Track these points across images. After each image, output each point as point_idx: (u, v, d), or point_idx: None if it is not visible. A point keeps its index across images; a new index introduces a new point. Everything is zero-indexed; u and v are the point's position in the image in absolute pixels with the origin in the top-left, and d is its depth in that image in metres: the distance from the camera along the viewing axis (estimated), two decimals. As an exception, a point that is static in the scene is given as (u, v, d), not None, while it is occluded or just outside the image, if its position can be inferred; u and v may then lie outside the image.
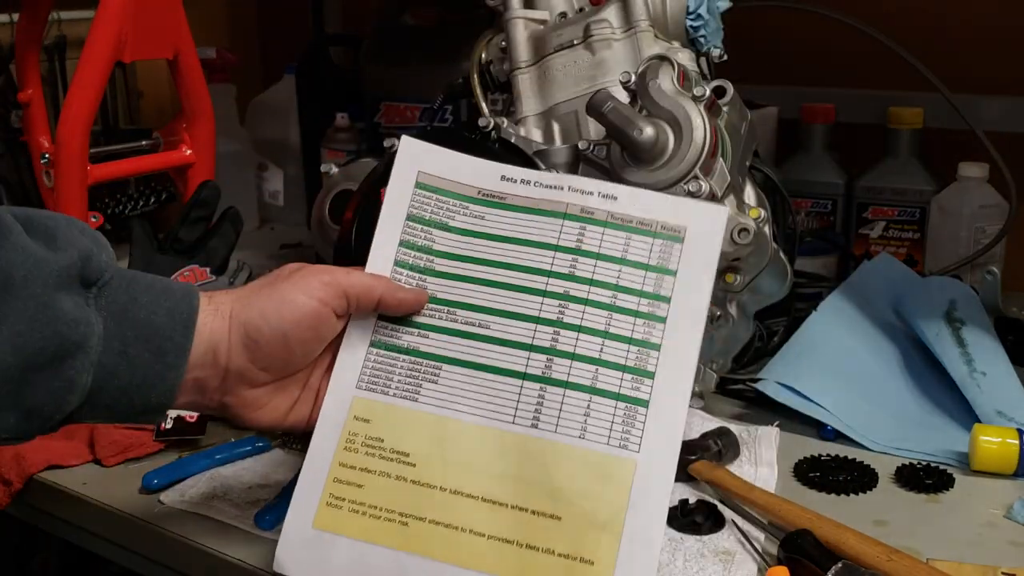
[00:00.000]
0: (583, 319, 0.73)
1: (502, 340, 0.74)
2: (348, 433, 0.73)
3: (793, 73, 1.47)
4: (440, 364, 0.74)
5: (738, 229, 0.88)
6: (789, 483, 0.88)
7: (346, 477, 0.72)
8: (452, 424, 0.72)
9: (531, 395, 0.72)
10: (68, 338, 0.63)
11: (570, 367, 0.72)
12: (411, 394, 0.74)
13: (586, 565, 0.67)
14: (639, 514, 0.67)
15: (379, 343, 0.75)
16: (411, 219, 0.77)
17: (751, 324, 1.01)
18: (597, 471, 0.69)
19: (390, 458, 0.72)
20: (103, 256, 0.66)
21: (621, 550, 0.67)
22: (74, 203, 1.10)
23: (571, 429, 0.71)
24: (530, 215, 0.76)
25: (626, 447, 0.69)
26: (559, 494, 0.69)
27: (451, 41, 1.40)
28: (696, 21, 0.97)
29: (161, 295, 0.68)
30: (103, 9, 1.09)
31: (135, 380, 0.65)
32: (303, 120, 1.69)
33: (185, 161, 1.24)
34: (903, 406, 1.00)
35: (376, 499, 0.71)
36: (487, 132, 0.93)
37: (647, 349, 0.72)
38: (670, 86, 0.86)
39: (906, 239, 1.34)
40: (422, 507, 0.70)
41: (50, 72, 1.51)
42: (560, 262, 0.74)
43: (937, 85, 1.20)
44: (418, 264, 0.76)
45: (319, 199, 1.13)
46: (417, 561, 0.69)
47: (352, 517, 0.71)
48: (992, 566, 0.74)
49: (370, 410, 0.73)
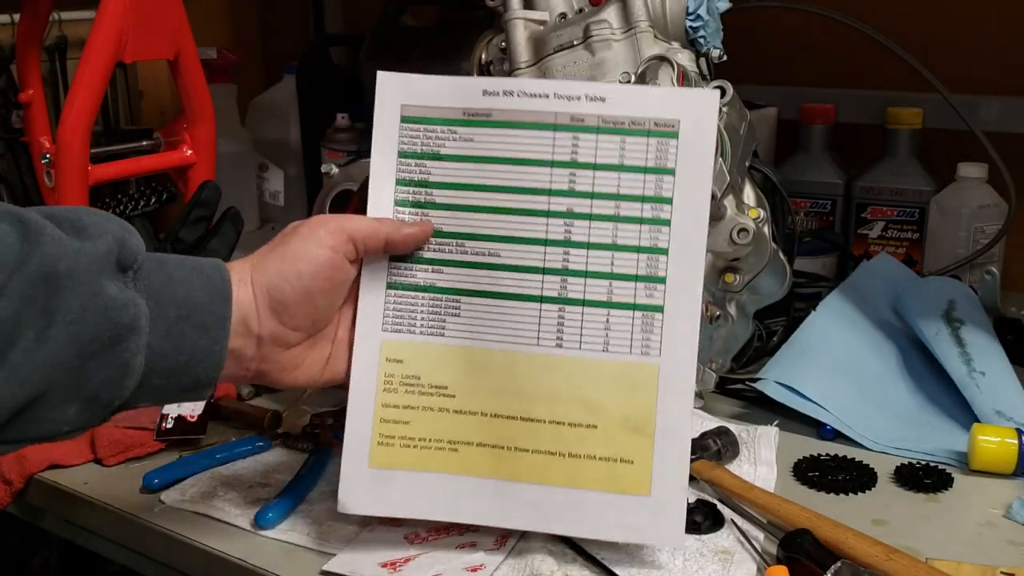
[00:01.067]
0: (590, 235, 0.75)
1: (514, 266, 0.76)
2: (384, 375, 0.75)
3: (793, 73, 1.47)
4: (459, 297, 0.76)
5: (737, 229, 0.89)
6: (788, 482, 0.88)
7: (391, 416, 0.75)
8: (481, 354, 0.75)
9: (551, 316, 0.75)
10: (120, 322, 0.63)
11: (584, 284, 0.75)
12: (437, 329, 0.76)
13: (626, 464, 0.73)
14: (667, 414, 0.73)
15: (396, 284, 0.76)
16: (403, 155, 0.77)
17: (750, 324, 1.01)
18: (624, 379, 0.73)
19: (430, 393, 0.75)
20: (134, 240, 0.67)
21: (656, 448, 0.72)
22: (75, 203, 1.10)
23: (594, 344, 0.74)
24: (519, 130, 0.76)
25: (648, 353, 0.74)
26: (592, 405, 0.74)
27: (451, 41, 1.40)
28: (696, 22, 0.97)
29: (193, 271, 0.69)
30: (104, 9, 1.09)
31: (182, 358, 0.66)
32: (303, 120, 1.70)
33: (186, 161, 1.24)
34: (902, 406, 1.00)
35: (424, 432, 0.74)
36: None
37: (655, 255, 0.74)
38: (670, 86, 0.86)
39: (905, 239, 1.34)
40: (468, 433, 0.74)
41: (51, 72, 1.51)
42: (558, 178, 0.75)
43: (936, 85, 1.20)
44: (418, 199, 0.77)
45: (319, 199, 1.13)
46: (473, 481, 0.73)
47: (404, 452, 0.74)
48: (991, 566, 0.74)
49: (400, 350, 0.76)
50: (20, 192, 1.43)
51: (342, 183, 1.11)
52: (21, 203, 1.42)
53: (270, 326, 0.71)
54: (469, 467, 0.74)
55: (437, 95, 0.77)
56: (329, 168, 1.12)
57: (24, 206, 0.64)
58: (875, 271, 1.16)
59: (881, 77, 1.40)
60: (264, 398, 1.05)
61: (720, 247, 0.90)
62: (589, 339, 0.75)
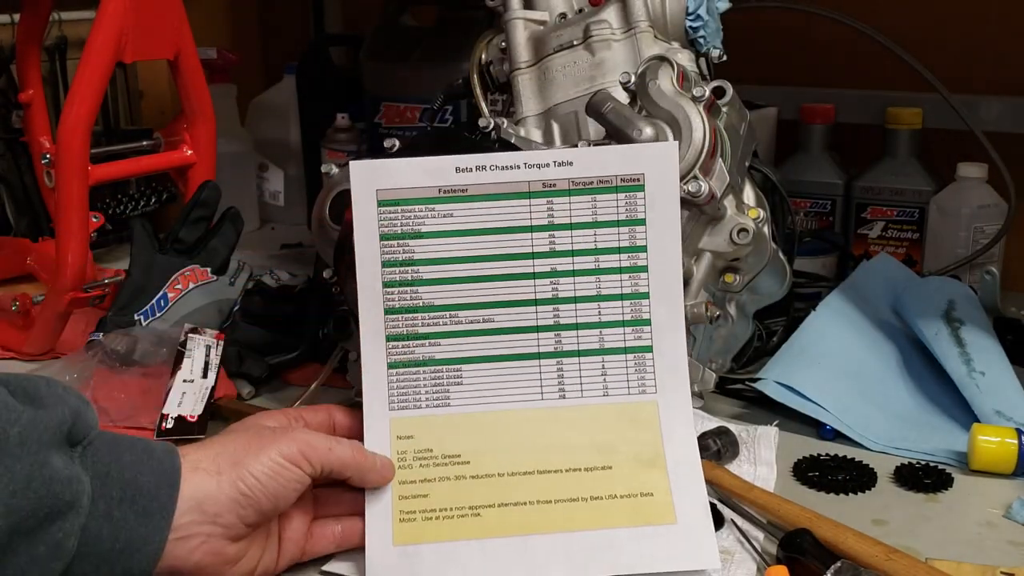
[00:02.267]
0: (576, 289, 0.79)
1: (509, 329, 0.79)
2: (397, 453, 0.77)
3: (793, 73, 1.47)
4: (459, 366, 0.78)
5: (737, 229, 0.89)
6: (788, 482, 0.88)
7: (409, 492, 0.76)
8: (487, 417, 0.78)
9: (551, 370, 0.78)
10: (61, 498, 0.60)
11: (577, 336, 0.78)
12: (442, 400, 0.78)
13: (647, 498, 0.75)
14: (674, 443, 0.76)
15: (396, 363, 0.79)
16: (384, 237, 0.79)
17: (750, 324, 1.01)
18: (628, 419, 0.77)
19: (443, 463, 0.77)
20: (89, 414, 0.65)
21: (671, 478, 0.75)
22: (75, 203, 1.10)
23: (594, 390, 0.78)
24: (495, 201, 0.79)
25: (644, 391, 0.78)
26: (603, 447, 0.76)
27: (451, 41, 1.40)
28: (696, 22, 0.97)
29: (144, 454, 0.66)
30: (104, 9, 1.09)
31: (118, 545, 0.63)
32: (303, 120, 1.70)
33: (186, 161, 1.24)
34: (902, 406, 1.00)
35: (444, 502, 0.75)
36: (487, 132, 0.93)
37: (638, 299, 0.78)
38: (669, 87, 0.86)
39: (905, 239, 1.34)
40: (488, 496, 0.75)
41: (51, 72, 1.51)
42: (539, 241, 0.79)
43: (936, 85, 1.20)
44: (405, 279, 0.79)
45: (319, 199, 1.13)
46: (500, 542, 0.74)
47: (427, 524, 0.75)
48: (991, 566, 0.74)
49: (409, 426, 0.78)
50: (20, 192, 1.43)
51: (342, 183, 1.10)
52: (21, 203, 1.43)
53: (229, 518, 0.68)
54: (494, 529, 0.74)
55: (411, 177, 0.80)
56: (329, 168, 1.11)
57: (24, 206, 0.63)
58: (875, 271, 1.16)
59: (881, 77, 1.40)
60: (264, 398, 1.05)
61: (720, 247, 0.90)
62: (589, 386, 0.78)
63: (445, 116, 1.39)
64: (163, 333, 1.03)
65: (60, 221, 1.11)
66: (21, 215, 1.43)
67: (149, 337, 1.03)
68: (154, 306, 1.08)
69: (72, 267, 1.11)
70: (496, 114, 1.00)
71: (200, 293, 1.11)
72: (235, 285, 1.16)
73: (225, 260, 1.16)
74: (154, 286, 1.09)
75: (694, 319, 0.87)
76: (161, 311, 1.08)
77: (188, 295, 1.10)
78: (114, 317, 1.06)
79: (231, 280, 1.16)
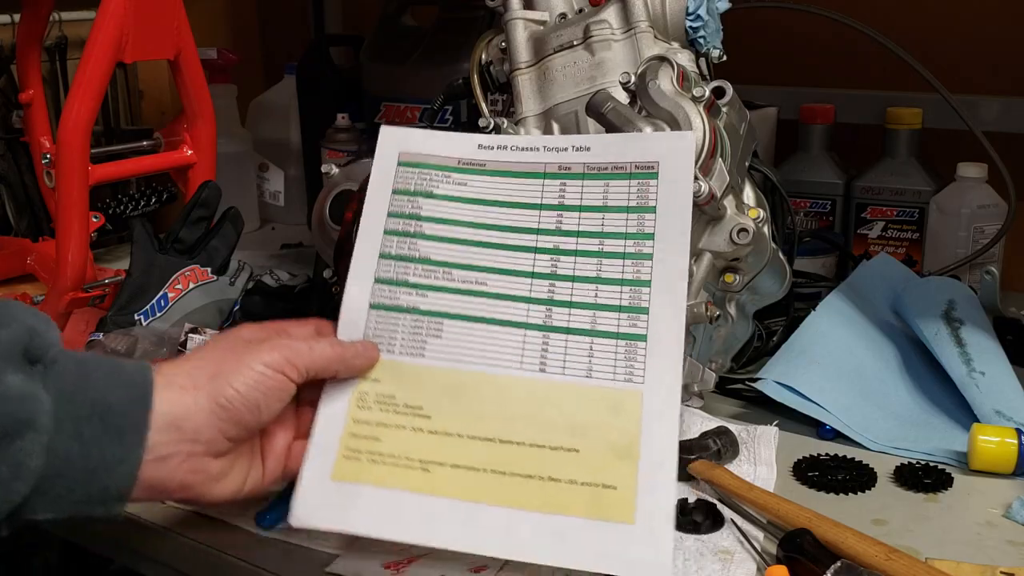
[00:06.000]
0: (575, 269, 0.76)
1: (500, 295, 0.76)
2: (359, 393, 0.74)
3: (792, 73, 1.47)
4: (442, 320, 0.76)
5: (737, 229, 0.89)
6: (788, 482, 0.88)
7: (362, 432, 0.73)
8: (461, 375, 0.74)
9: (535, 342, 0.75)
10: (15, 416, 0.58)
11: (569, 314, 0.75)
12: (417, 350, 0.75)
13: (609, 491, 0.69)
14: (652, 439, 0.70)
15: (378, 305, 0.77)
16: (396, 192, 0.80)
17: (750, 324, 1.01)
18: (607, 404, 0.72)
19: (404, 412, 0.73)
20: (50, 333, 0.62)
21: (640, 474, 0.69)
22: (75, 203, 1.10)
23: (578, 369, 0.74)
24: (511, 178, 0.80)
25: (631, 380, 0.72)
26: (574, 429, 0.72)
27: (451, 41, 1.41)
28: (696, 22, 0.97)
29: (113, 371, 0.64)
30: (104, 9, 1.09)
31: (90, 464, 0.61)
32: (303, 120, 1.70)
33: (186, 161, 1.24)
34: (902, 406, 1.00)
35: (395, 449, 0.72)
36: (487, 132, 0.93)
37: (638, 287, 0.75)
38: (669, 87, 0.86)
39: (905, 239, 1.34)
40: (442, 454, 0.72)
41: (51, 73, 1.51)
42: (546, 219, 0.78)
43: (936, 86, 1.20)
44: (407, 230, 0.79)
45: (319, 199, 1.13)
46: (445, 502, 0.70)
47: (371, 467, 0.71)
48: (991, 565, 0.74)
49: (378, 369, 0.75)
50: (20, 192, 1.43)
51: (342, 183, 1.11)
52: (21, 203, 1.43)
53: (209, 433, 0.66)
54: (441, 488, 0.70)
55: (434, 146, 0.81)
56: (329, 168, 1.12)
57: (24, 206, 0.63)
58: (875, 271, 1.16)
59: (881, 77, 1.40)
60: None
61: (720, 247, 0.90)
62: (572, 364, 0.74)
63: (445, 116, 1.39)
64: (163, 333, 1.04)
65: (60, 221, 1.11)
66: (21, 215, 1.44)
67: (149, 337, 1.03)
68: (154, 306, 1.08)
69: (72, 267, 1.11)
70: (496, 114, 1.00)
71: (200, 293, 1.11)
72: (235, 285, 1.16)
73: (225, 260, 1.16)
74: (154, 286, 1.09)
75: (694, 319, 0.87)
76: (161, 311, 1.08)
77: (188, 295, 1.10)
78: (114, 317, 1.06)
79: (231, 280, 1.16)
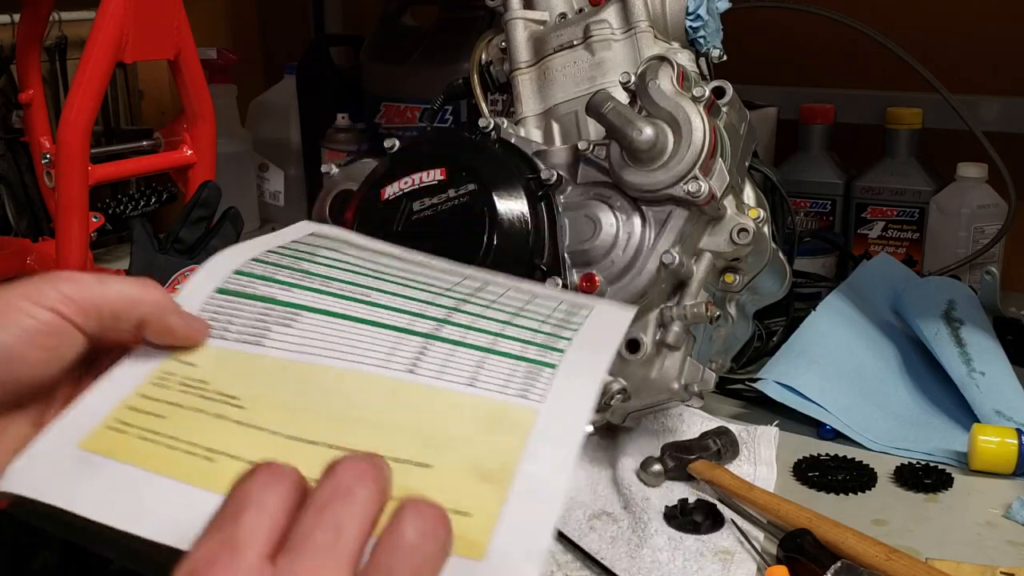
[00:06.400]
0: (486, 310, 0.62)
1: (384, 305, 0.61)
2: (162, 371, 0.58)
3: (793, 73, 1.47)
4: (300, 312, 0.61)
5: (737, 229, 0.89)
6: (788, 482, 0.88)
7: (144, 407, 0.57)
8: (300, 368, 0.59)
9: (410, 346, 0.59)
10: None
11: (464, 333, 0.60)
12: (254, 338, 0.60)
13: (460, 517, 0.52)
14: (537, 463, 0.55)
15: (227, 291, 0.61)
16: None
17: (750, 324, 1.01)
18: (488, 418, 0.57)
19: (211, 398, 0.57)
20: None
21: (509, 501, 0.53)
22: (75, 204, 1.10)
23: (456, 376, 0.58)
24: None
25: (526, 396, 0.57)
26: (431, 441, 0.56)
27: (451, 41, 1.41)
28: (696, 22, 0.97)
29: None
30: (104, 9, 1.09)
31: None
32: (303, 120, 1.70)
33: (186, 161, 1.24)
34: (902, 406, 1.00)
35: (179, 432, 0.55)
36: (487, 132, 0.93)
37: (557, 335, 0.61)
38: (670, 87, 0.86)
39: (905, 239, 1.34)
40: (241, 448, 0.55)
41: (51, 73, 1.51)
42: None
43: (936, 86, 1.20)
44: (297, 252, 0.64)
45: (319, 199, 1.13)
46: (219, 500, 0.51)
47: (137, 442, 0.55)
48: (991, 565, 0.74)
49: (198, 354, 0.59)
50: (20, 192, 1.43)
51: (342, 183, 1.11)
52: (21, 203, 1.43)
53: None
54: (221, 483, 0.51)
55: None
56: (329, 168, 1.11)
57: (24, 206, 0.62)
58: (875, 271, 1.16)
59: (881, 77, 1.40)
60: (264, 398, 1.05)
61: (720, 247, 0.90)
62: (451, 371, 0.58)
63: (445, 116, 1.39)
64: (163, 333, 1.03)
65: (60, 221, 1.11)
66: (21, 215, 1.43)
67: (149, 337, 1.02)
68: (154, 306, 1.08)
69: (72, 267, 1.11)
70: (496, 114, 1.00)
71: (200, 293, 1.11)
72: (235, 285, 1.16)
73: (225, 260, 1.15)
74: (154, 286, 1.09)
75: (694, 319, 0.87)
76: (161, 311, 1.08)
77: (188, 295, 1.10)
78: (114, 317, 1.06)
79: (231, 280, 1.16)
